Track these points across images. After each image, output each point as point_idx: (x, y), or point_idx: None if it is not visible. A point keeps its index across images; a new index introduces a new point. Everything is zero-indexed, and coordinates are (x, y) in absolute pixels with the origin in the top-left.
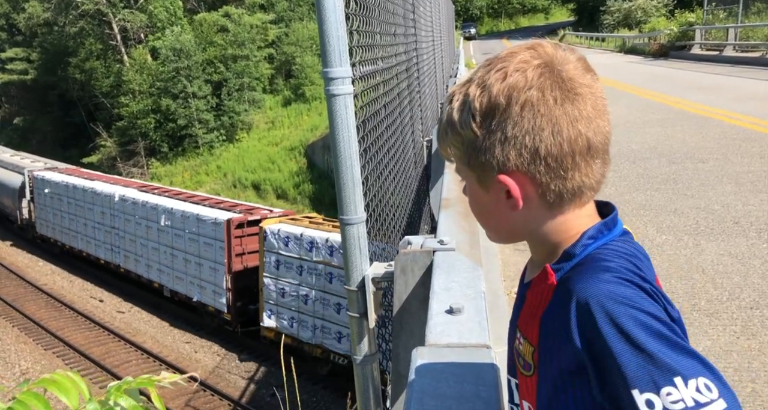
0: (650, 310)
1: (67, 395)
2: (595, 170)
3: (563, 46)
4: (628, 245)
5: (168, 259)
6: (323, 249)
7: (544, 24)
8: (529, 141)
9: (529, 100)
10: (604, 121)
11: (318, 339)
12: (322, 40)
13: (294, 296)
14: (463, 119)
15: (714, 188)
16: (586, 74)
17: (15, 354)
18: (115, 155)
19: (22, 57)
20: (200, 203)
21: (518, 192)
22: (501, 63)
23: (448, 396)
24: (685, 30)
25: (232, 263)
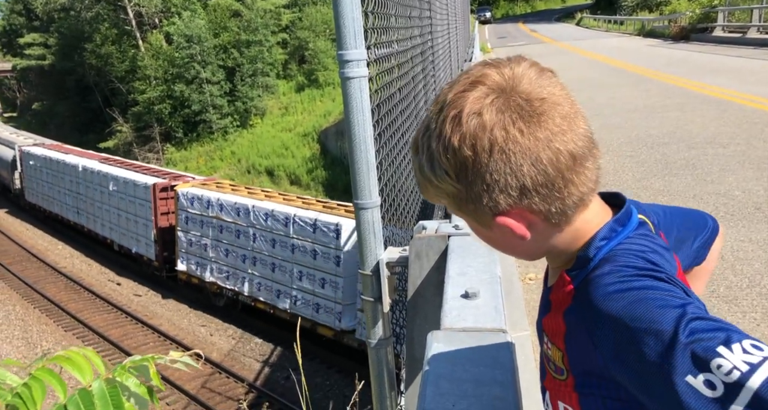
0: (675, 292)
1: (81, 371)
2: (588, 174)
3: (506, 62)
4: (644, 241)
5: (115, 218)
6: (214, 207)
7: (561, 7)
8: (513, 181)
9: (496, 143)
10: (578, 122)
11: (213, 277)
12: (336, 21)
13: (199, 245)
14: (437, 177)
15: (735, 174)
16: (542, 81)
17: (37, 335)
18: (131, 140)
19: (39, 42)
20: (140, 171)
21: (521, 229)
22: (453, 110)
23: (464, 379)
24: (707, 11)
25: (158, 220)
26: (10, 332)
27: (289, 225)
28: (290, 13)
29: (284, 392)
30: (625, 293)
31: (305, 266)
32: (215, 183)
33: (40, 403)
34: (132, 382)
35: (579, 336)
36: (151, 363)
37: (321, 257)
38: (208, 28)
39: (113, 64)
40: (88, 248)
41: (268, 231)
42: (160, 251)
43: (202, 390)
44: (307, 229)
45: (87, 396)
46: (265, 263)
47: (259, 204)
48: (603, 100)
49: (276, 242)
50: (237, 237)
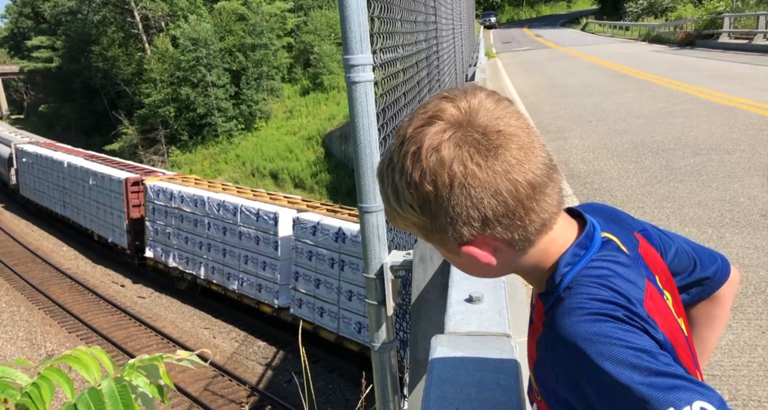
0: (629, 341)
1: (88, 371)
2: (549, 200)
3: (463, 94)
4: (606, 264)
5: (95, 210)
6: (176, 198)
7: (567, 12)
8: (474, 213)
9: (456, 178)
10: (535, 151)
11: (176, 262)
12: (343, 26)
13: (164, 233)
14: (402, 209)
15: (740, 180)
16: (498, 112)
17: (41, 336)
18: (137, 143)
19: (46, 45)
20: (116, 166)
21: (487, 257)
22: (413, 145)
23: (467, 383)
24: (713, 17)
25: (130, 212)
26: (15, 333)
27: (237, 214)
28: (295, 17)
29: (287, 395)
30: (583, 342)
31: (250, 250)
32: (181, 178)
33: (48, 402)
34: (141, 381)
35: (545, 368)
36: (160, 363)
37: (262, 243)
38: (214, 31)
39: (119, 66)
40: (92, 249)
41: (220, 220)
42: (132, 240)
43: (205, 392)
44: (251, 218)
45: (96, 395)
46: (218, 249)
47: (213, 195)
48: (608, 106)
49: (227, 230)
50: (195, 226)
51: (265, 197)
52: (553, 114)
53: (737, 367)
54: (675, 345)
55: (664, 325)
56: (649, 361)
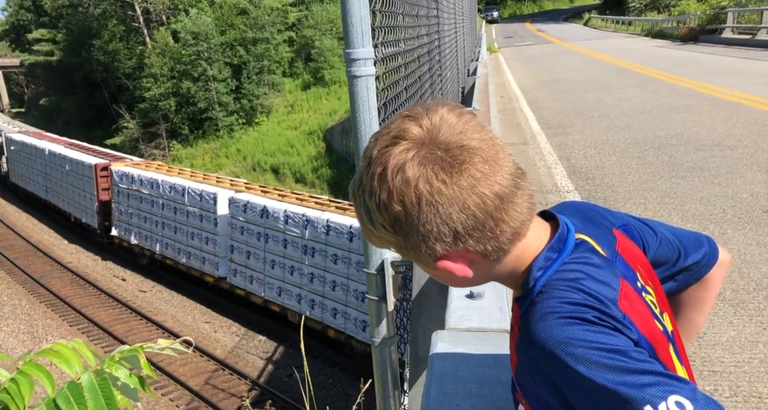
0: (601, 342)
1: (68, 364)
2: (518, 208)
3: (424, 112)
4: (578, 266)
5: (71, 194)
6: (136, 182)
7: (569, 7)
8: (445, 229)
9: (423, 197)
10: (500, 162)
11: (137, 240)
12: (344, 20)
13: (127, 214)
14: (376, 229)
15: (743, 176)
16: (460, 127)
17: (42, 330)
18: (138, 137)
19: (47, 38)
20: (90, 153)
21: (462, 270)
22: (379, 166)
23: (468, 379)
24: (716, 13)
25: (99, 195)
26: (16, 326)
27: (185, 195)
28: (297, 11)
29: (287, 389)
30: (556, 346)
31: (195, 227)
32: (145, 164)
33: (27, 398)
34: (122, 373)
35: (524, 372)
36: (140, 353)
37: (205, 220)
38: (215, 25)
39: (120, 60)
40: (91, 242)
41: (172, 201)
42: (101, 221)
43: (206, 386)
44: (196, 198)
45: (76, 389)
46: (170, 227)
47: (166, 178)
48: (610, 101)
49: (177, 210)
50: (151, 206)
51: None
52: (555, 109)
53: (738, 364)
54: (653, 342)
55: (641, 324)
56: (621, 360)
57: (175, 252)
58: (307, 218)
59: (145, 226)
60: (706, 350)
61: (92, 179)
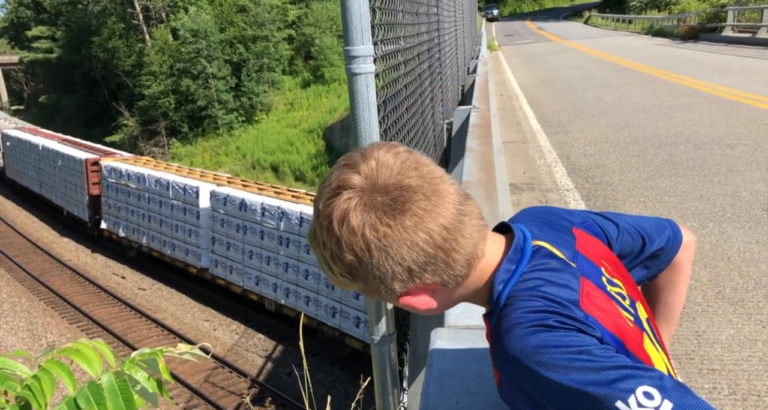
0: (565, 345)
1: (90, 364)
2: (468, 234)
3: (361, 158)
4: (537, 273)
5: (63, 188)
6: (124, 176)
7: (569, 5)
8: (399, 268)
9: (371, 243)
10: (441, 194)
11: (125, 233)
12: (343, 17)
13: (116, 207)
14: (336, 276)
15: (743, 175)
16: (397, 166)
17: (42, 327)
18: (137, 135)
19: (47, 35)
20: (81, 148)
21: (425, 303)
22: (326, 219)
23: (467, 376)
24: (716, 11)
25: (90, 189)
26: (16, 323)
27: (169, 189)
28: (296, 9)
29: (287, 387)
30: (525, 356)
31: (179, 220)
32: (133, 159)
33: (50, 396)
34: (141, 376)
35: (503, 386)
36: (160, 357)
37: (188, 213)
38: (215, 22)
39: (120, 58)
40: (91, 240)
41: (157, 194)
42: (92, 214)
43: (205, 384)
44: (179, 192)
45: (97, 390)
46: (156, 220)
47: (151, 173)
48: (610, 100)
49: (162, 203)
50: (138, 200)
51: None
52: (555, 107)
53: (737, 362)
54: (620, 336)
55: (606, 320)
56: (587, 359)
57: (161, 244)
58: (282, 211)
59: (133, 219)
60: (705, 348)
61: (83, 173)
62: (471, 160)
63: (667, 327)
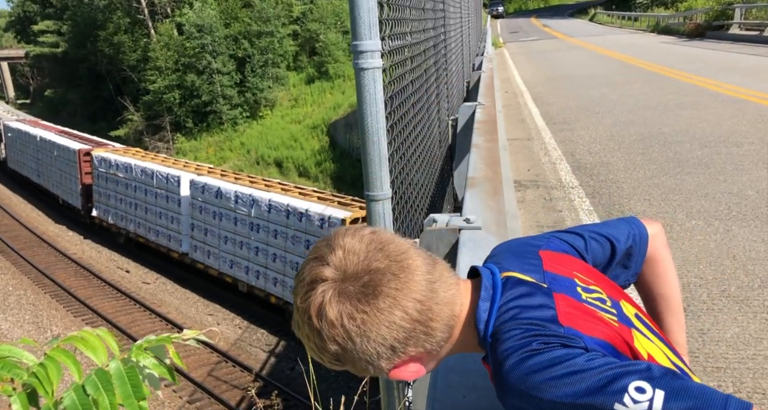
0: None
1: (95, 352)
2: (441, 300)
3: (327, 248)
4: (511, 304)
5: (59, 177)
6: (113, 166)
7: (575, 2)
8: (381, 348)
9: (350, 331)
10: (409, 270)
11: (114, 220)
12: (352, 12)
13: (105, 195)
14: (325, 363)
15: (748, 173)
16: (362, 252)
17: (47, 320)
18: (142, 129)
19: (53, 30)
20: (75, 139)
21: (414, 373)
22: (305, 315)
23: (473, 371)
24: (723, 8)
25: (83, 178)
26: (21, 316)
27: (153, 178)
28: (301, 5)
29: (289, 382)
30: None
31: (162, 207)
32: (123, 150)
33: (56, 383)
34: (149, 362)
35: None
36: (169, 343)
37: (170, 201)
38: (220, 18)
39: (125, 52)
40: (97, 234)
41: (142, 183)
42: (84, 202)
43: (209, 378)
44: (163, 180)
45: (104, 376)
46: (142, 207)
47: (138, 162)
48: (615, 97)
49: (147, 191)
50: (126, 188)
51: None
52: (560, 105)
53: (742, 360)
54: (607, 339)
55: (589, 328)
56: (577, 372)
57: (146, 231)
58: (253, 198)
59: (121, 207)
60: (710, 346)
61: (76, 163)
62: (477, 156)
63: (673, 318)
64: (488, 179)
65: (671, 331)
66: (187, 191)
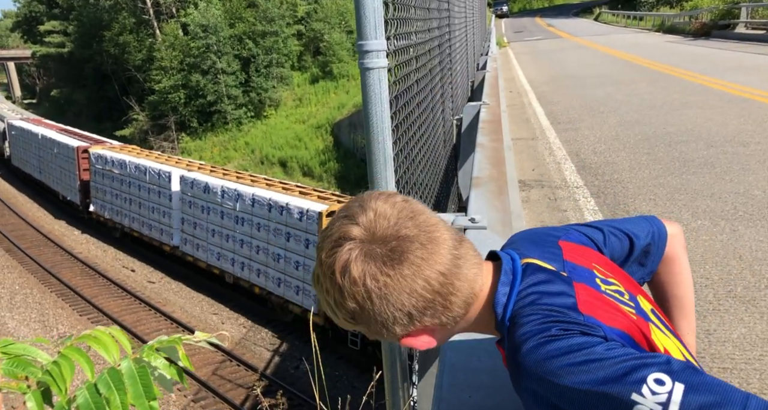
0: (572, 351)
1: (107, 351)
2: (464, 276)
3: (359, 209)
4: (531, 289)
5: (58, 173)
6: (109, 162)
7: (579, 2)
8: (399, 314)
9: (371, 292)
10: (437, 241)
11: (110, 215)
12: (357, 11)
13: (102, 191)
14: (340, 319)
15: (755, 173)
16: (394, 217)
17: (53, 318)
18: (147, 129)
19: (59, 30)
20: (74, 137)
21: (425, 343)
22: (329, 269)
23: (480, 370)
24: (729, 8)
25: (81, 174)
26: (28, 314)
27: (146, 174)
28: (306, 5)
29: (293, 381)
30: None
31: (154, 203)
32: (120, 147)
33: (69, 381)
34: (160, 363)
35: (528, 404)
36: (179, 345)
37: (162, 196)
38: (224, 18)
39: (131, 52)
40: (102, 233)
41: (135, 179)
42: (82, 198)
43: (213, 376)
44: (155, 176)
45: (116, 375)
46: (135, 202)
47: (132, 159)
48: (620, 97)
49: (140, 187)
50: (120, 184)
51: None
52: (564, 104)
53: (749, 361)
54: (626, 330)
55: (607, 318)
56: (595, 360)
57: (140, 225)
58: (238, 193)
59: (116, 202)
60: (716, 347)
61: (75, 160)
62: (481, 156)
63: (685, 319)
64: (493, 178)
65: (682, 334)
66: (178, 187)
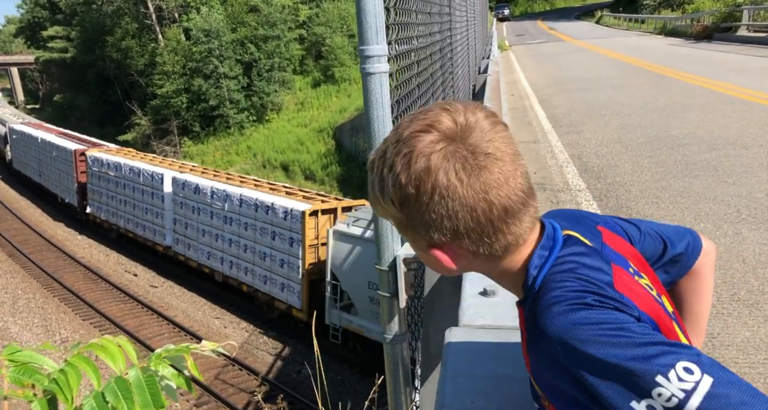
0: (604, 322)
1: (114, 360)
2: (519, 224)
3: (463, 108)
4: (570, 258)
5: (57, 175)
6: (105, 165)
7: (581, 5)
8: (447, 223)
9: (438, 187)
10: (516, 179)
11: (106, 216)
12: (359, 17)
13: (98, 193)
14: (384, 201)
15: (757, 176)
16: (491, 135)
17: (56, 323)
18: (150, 134)
19: (62, 35)
20: (72, 140)
21: (449, 262)
22: (406, 147)
23: (482, 375)
24: (731, 10)
25: (78, 177)
26: (30, 319)
27: (140, 176)
28: (308, 9)
29: (296, 386)
30: (565, 333)
31: (148, 204)
32: (116, 150)
33: (76, 390)
34: (168, 372)
35: (542, 371)
36: (188, 354)
37: (155, 197)
38: (226, 22)
39: (133, 57)
40: (102, 236)
41: (130, 181)
42: (80, 200)
43: (216, 381)
44: (148, 178)
45: (124, 384)
46: (130, 204)
47: (127, 161)
48: (622, 100)
49: (135, 189)
50: (116, 186)
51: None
52: (567, 108)
53: (753, 364)
54: (655, 318)
55: (640, 302)
56: (626, 336)
57: (134, 226)
58: (226, 193)
59: (112, 204)
60: (720, 351)
61: (72, 163)
62: None
63: (696, 337)
64: None
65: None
66: (170, 188)
